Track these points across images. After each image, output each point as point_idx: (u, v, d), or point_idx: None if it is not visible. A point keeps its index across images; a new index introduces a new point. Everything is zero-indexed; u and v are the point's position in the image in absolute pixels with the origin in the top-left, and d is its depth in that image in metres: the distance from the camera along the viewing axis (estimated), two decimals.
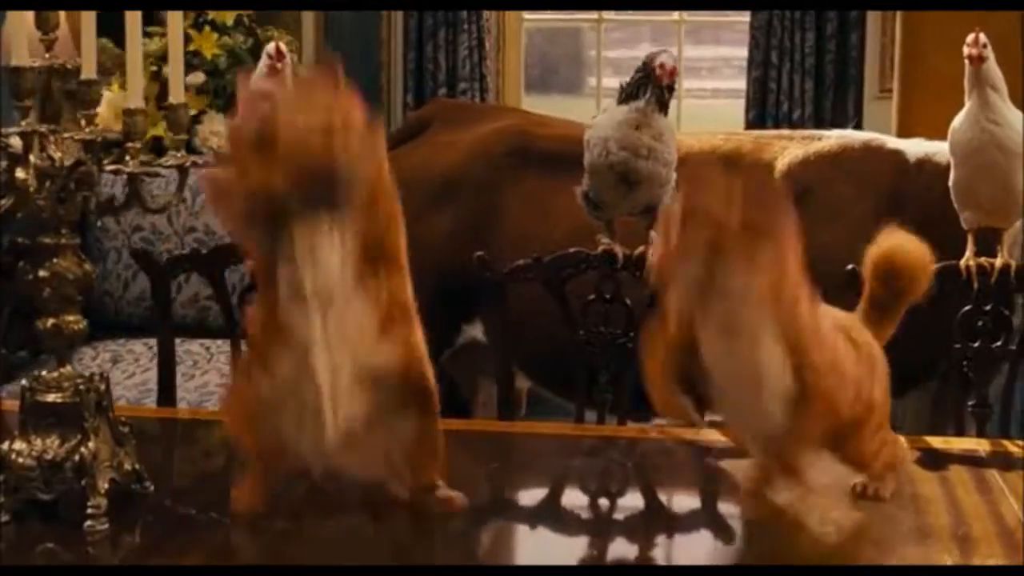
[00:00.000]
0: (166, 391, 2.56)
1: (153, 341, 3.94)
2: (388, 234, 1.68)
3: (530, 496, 2.02)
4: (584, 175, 2.43)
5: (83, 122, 1.79)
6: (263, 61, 2.53)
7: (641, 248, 2.45)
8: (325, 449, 1.71)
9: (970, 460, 2.14)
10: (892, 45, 4.75)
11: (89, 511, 1.76)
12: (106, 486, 1.79)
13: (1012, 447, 2.21)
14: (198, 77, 4.48)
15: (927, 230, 3.02)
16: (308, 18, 4.92)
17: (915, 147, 3.08)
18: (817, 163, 3.10)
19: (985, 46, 2.33)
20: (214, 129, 4.45)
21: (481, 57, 4.92)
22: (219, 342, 3.96)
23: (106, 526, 1.76)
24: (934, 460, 2.13)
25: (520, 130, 3.43)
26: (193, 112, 4.52)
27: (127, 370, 3.79)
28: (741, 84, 5.13)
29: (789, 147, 3.18)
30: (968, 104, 2.37)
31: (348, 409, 1.68)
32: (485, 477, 2.07)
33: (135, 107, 1.74)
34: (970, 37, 2.35)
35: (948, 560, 1.72)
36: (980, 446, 2.23)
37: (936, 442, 2.24)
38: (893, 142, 3.12)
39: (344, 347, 1.66)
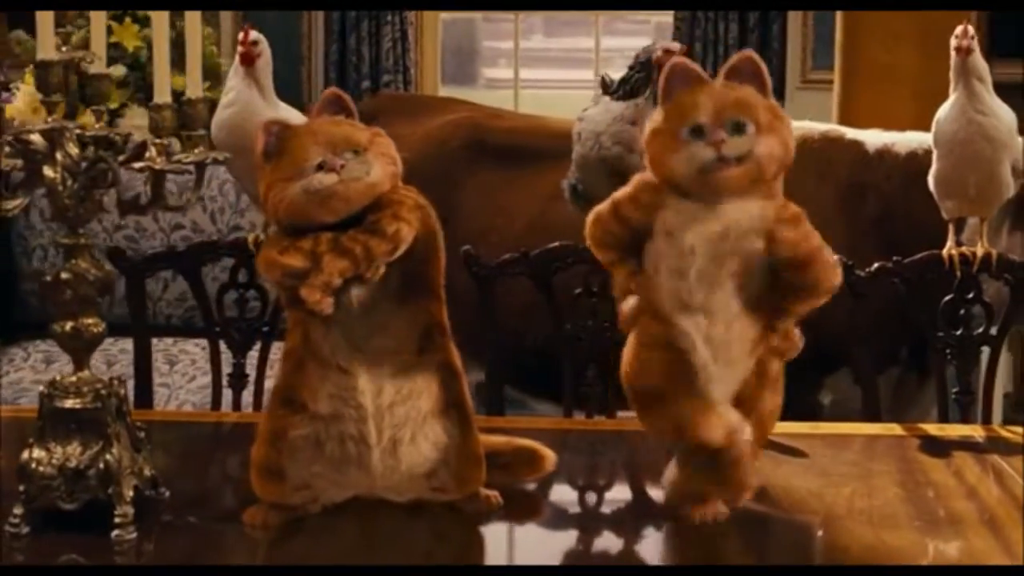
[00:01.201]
0: (144, 392, 2.49)
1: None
2: (428, 264, 1.75)
3: (518, 491, 1.99)
4: (571, 168, 2.41)
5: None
6: (238, 50, 2.45)
7: None
8: (371, 470, 1.74)
9: (970, 446, 2.17)
10: (813, 36, 4.82)
11: (117, 520, 1.71)
12: (131, 494, 1.74)
13: (1005, 432, 2.25)
14: (119, 70, 4.37)
15: (887, 219, 3.09)
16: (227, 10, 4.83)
17: (874, 137, 3.12)
18: None
19: (972, 37, 2.35)
20: (136, 123, 4.34)
21: (404, 49, 4.87)
22: (154, 340, 3.87)
23: (134, 535, 1.71)
24: (936, 447, 2.16)
25: (474, 123, 3.39)
26: (114, 106, 4.41)
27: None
28: None
29: None
30: (954, 95, 2.39)
31: (391, 429, 1.72)
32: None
33: (163, 102, 1.68)
34: (959, 29, 2.38)
35: (986, 547, 1.74)
36: (975, 432, 2.25)
37: (932, 429, 2.27)
38: (852, 133, 3.15)
39: (385, 367, 1.72)
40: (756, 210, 1.68)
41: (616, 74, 2.49)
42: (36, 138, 1.66)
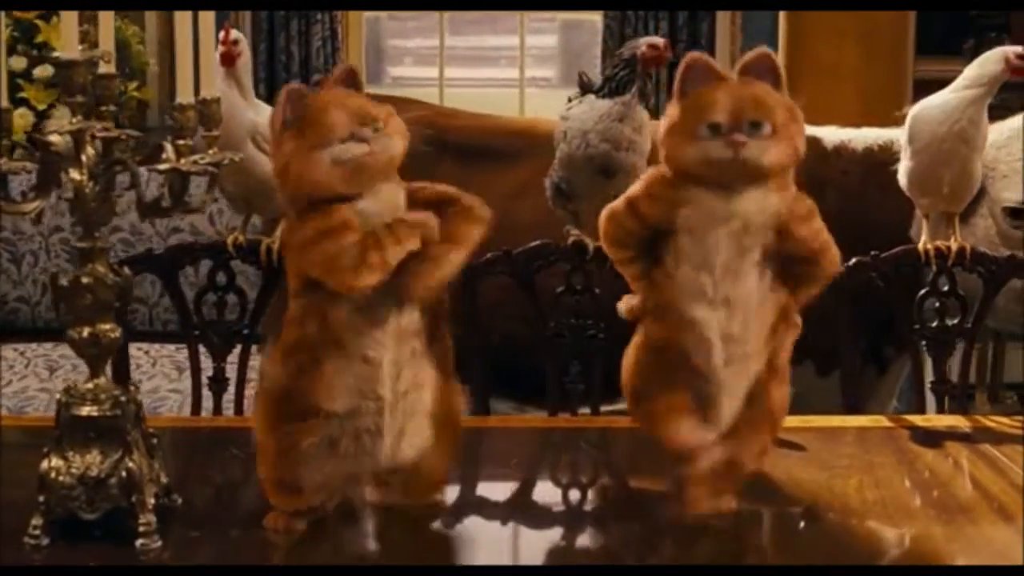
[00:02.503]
0: None
1: (23, 346, 3.78)
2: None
3: (502, 490, 1.99)
4: (555, 166, 2.41)
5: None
6: (218, 50, 2.39)
7: None
8: (379, 460, 1.71)
9: (959, 436, 2.21)
10: (741, 35, 4.87)
11: (141, 528, 1.67)
12: (152, 501, 1.70)
13: (988, 422, 2.29)
14: (46, 70, 4.25)
15: (845, 213, 3.13)
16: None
17: (831, 134, 3.16)
18: None
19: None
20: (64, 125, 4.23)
21: (334, 48, 4.83)
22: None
23: (159, 543, 1.68)
24: (927, 437, 2.19)
25: (432, 121, 3.37)
26: (42, 107, 4.32)
27: (4, 377, 3.61)
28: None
29: None
30: (955, 96, 2.43)
31: (402, 418, 1.71)
32: (458, 472, 1.99)
33: (186, 103, 1.65)
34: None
35: (1004, 535, 1.77)
36: (959, 422, 2.29)
37: (918, 420, 2.31)
38: (810, 129, 3.16)
39: (404, 349, 1.69)
40: (773, 203, 1.71)
41: (592, 73, 2.50)
42: (57, 139, 1.62)
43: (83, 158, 1.61)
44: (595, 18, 5.58)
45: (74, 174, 1.59)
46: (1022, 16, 4.77)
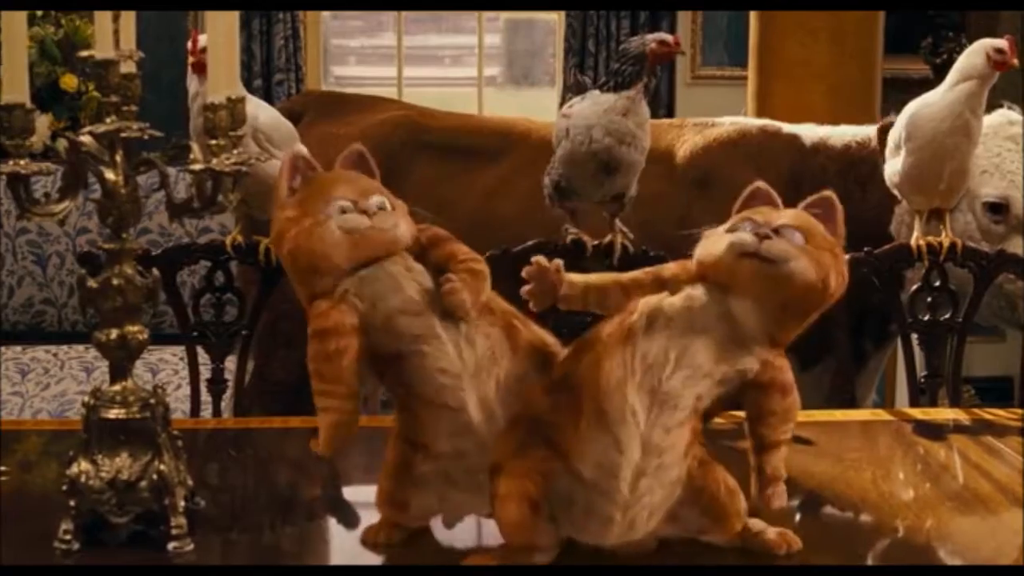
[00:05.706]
0: None
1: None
2: None
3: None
4: (555, 164, 2.41)
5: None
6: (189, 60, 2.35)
7: (609, 236, 2.46)
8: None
9: (960, 429, 2.24)
10: (701, 34, 4.92)
11: (173, 531, 1.66)
12: (183, 504, 1.69)
13: (987, 415, 2.32)
14: None
15: None
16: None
17: (809, 131, 3.18)
18: (717, 149, 3.17)
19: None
20: None
21: (296, 48, 4.81)
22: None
23: (191, 547, 1.66)
24: (930, 430, 2.23)
25: (411, 121, 3.36)
26: None
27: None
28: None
29: (684, 135, 3.23)
30: (952, 91, 2.45)
31: None
32: None
33: (218, 102, 1.63)
34: (1007, 43, 2.43)
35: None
36: (959, 415, 2.33)
37: (917, 413, 2.34)
38: (787, 127, 3.21)
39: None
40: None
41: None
42: (87, 139, 1.61)
43: (117, 158, 1.59)
44: (551, 17, 5.60)
45: (109, 174, 1.58)
46: (978, 15, 4.86)
